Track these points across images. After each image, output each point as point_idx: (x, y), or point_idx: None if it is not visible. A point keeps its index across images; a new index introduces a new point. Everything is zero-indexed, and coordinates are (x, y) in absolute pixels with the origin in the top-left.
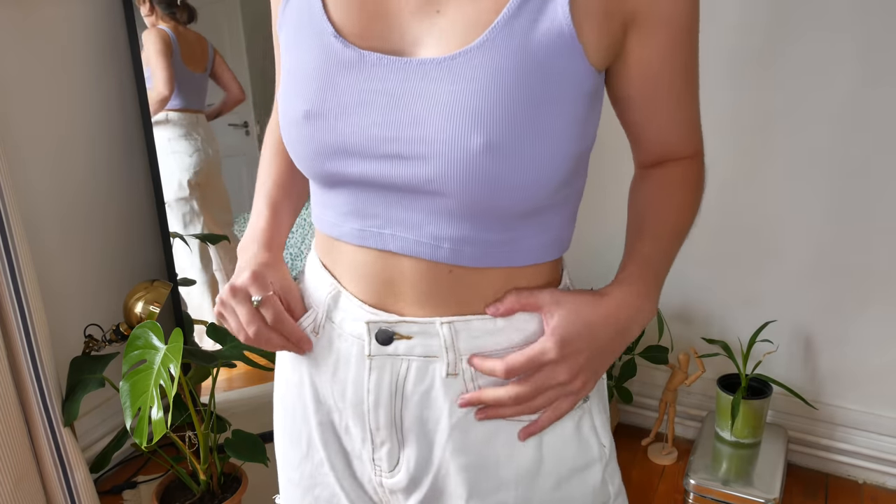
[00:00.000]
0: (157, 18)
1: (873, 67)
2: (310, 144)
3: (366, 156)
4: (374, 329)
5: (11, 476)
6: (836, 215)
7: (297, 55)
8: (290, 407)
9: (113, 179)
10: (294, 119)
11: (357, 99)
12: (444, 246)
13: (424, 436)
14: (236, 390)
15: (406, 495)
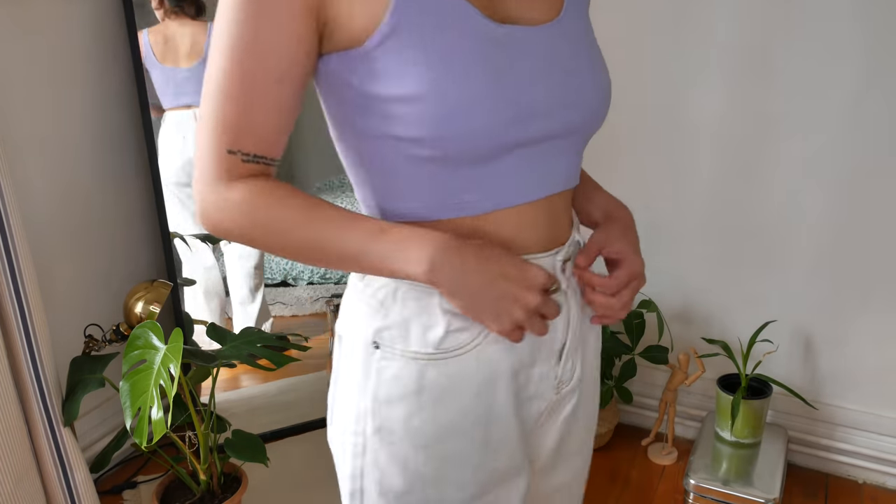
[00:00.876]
0: (164, 13)
1: (874, 68)
2: (496, 117)
3: (545, 114)
4: (562, 263)
5: (11, 476)
6: (836, 215)
7: (444, 41)
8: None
9: (113, 179)
10: (473, 99)
11: (536, 64)
12: (574, 173)
13: (583, 343)
14: (236, 390)
15: (571, 397)
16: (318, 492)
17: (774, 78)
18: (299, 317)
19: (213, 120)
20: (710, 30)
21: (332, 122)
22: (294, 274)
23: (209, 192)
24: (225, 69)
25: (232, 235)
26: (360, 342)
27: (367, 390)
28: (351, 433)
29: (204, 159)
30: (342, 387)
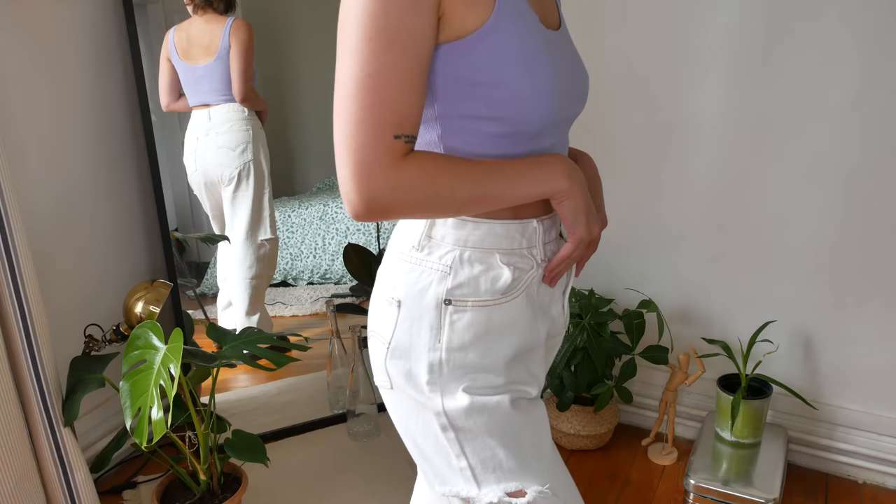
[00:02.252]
0: (194, 7)
1: (873, 68)
2: (557, 99)
3: (571, 102)
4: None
5: (11, 476)
6: (836, 215)
7: (525, 41)
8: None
9: (113, 179)
10: (543, 87)
11: (566, 62)
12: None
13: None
14: (236, 390)
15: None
16: (318, 492)
17: (774, 78)
18: (299, 317)
19: (374, 110)
20: (710, 30)
21: None
22: (294, 274)
23: (382, 178)
24: (382, 61)
25: (406, 212)
26: (431, 302)
27: (440, 342)
28: (424, 384)
29: (368, 149)
30: (402, 346)
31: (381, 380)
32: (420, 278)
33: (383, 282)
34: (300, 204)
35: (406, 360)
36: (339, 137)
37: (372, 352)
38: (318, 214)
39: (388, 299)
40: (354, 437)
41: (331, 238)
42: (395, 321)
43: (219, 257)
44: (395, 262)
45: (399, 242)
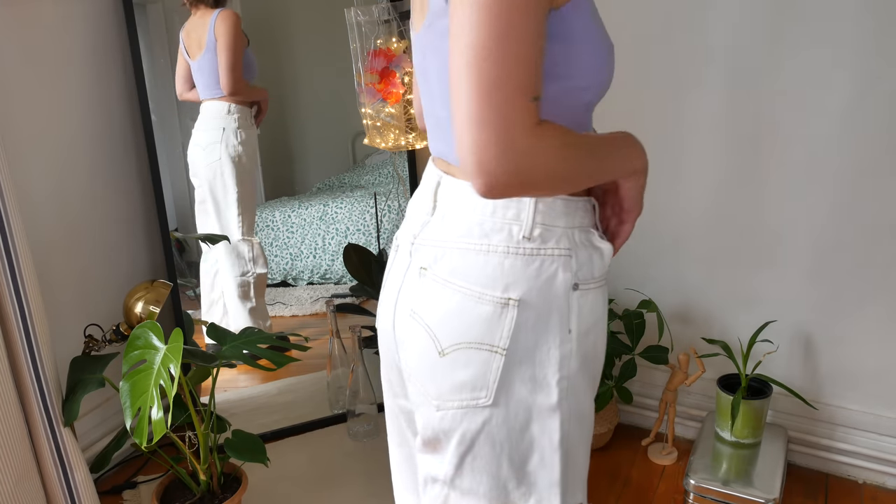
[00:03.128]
0: (190, 4)
1: (873, 69)
2: (611, 73)
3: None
4: None
5: (11, 476)
6: (836, 215)
7: (596, 12)
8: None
9: (113, 179)
10: (608, 55)
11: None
12: None
13: None
14: (236, 390)
15: None
16: (318, 492)
17: (774, 79)
18: (299, 317)
19: (516, 69)
20: (710, 30)
21: None
22: (294, 274)
23: (525, 142)
24: (520, 19)
25: (539, 185)
26: (560, 291)
27: (571, 333)
28: (554, 386)
29: (512, 112)
30: (526, 350)
31: (469, 397)
32: (543, 269)
33: (482, 285)
34: (300, 204)
35: (529, 365)
36: (475, 102)
37: (459, 369)
38: (318, 214)
39: (498, 301)
40: (354, 437)
41: (331, 238)
42: (512, 323)
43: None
44: (497, 260)
45: (492, 238)
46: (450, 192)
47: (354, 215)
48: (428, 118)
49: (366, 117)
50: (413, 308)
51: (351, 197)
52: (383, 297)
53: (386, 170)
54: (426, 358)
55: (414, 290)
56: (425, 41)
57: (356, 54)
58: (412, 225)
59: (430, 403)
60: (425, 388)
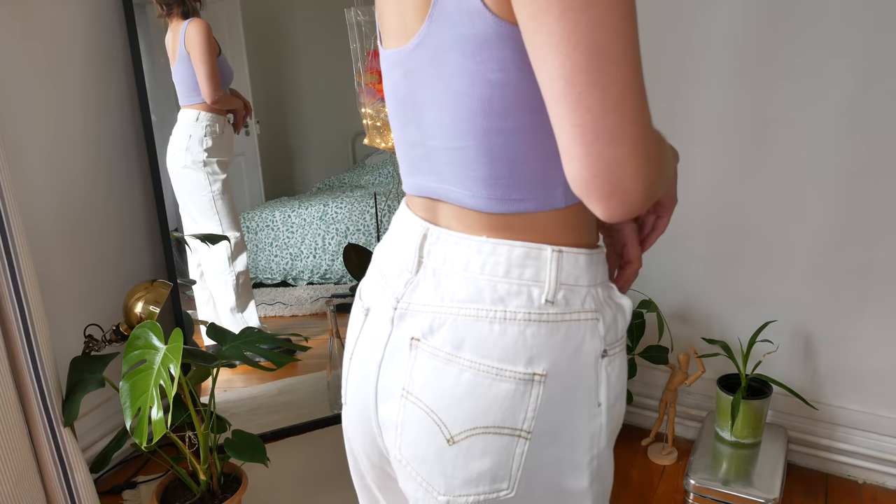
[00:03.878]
0: (164, 16)
1: (873, 68)
2: None
3: None
4: None
5: (11, 476)
6: (836, 215)
7: None
8: None
9: (112, 179)
10: None
11: None
12: None
13: None
14: (236, 390)
15: None
16: (317, 492)
17: (774, 78)
18: (299, 317)
19: (641, 78)
20: (709, 30)
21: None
22: (294, 274)
23: (656, 152)
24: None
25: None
26: (589, 360)
27: (600, 407)
28: (585, 467)
29: (645, 125)
30: (553, 428)
31: (487, 489)
32: (569, 336)
33: (500, 359)
34: (300, 204)
35: (556, 447)
36: (609, 115)
37: (475, 459)
38: (318, 214)
39: (521, 378)
40: None
41: (331, 238)
42: (538, 402)
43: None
44: (517, 329)
45: (509, 304)
46: (444, 248)
47: (354, 215)
48: (409, 151)
49: (366, 117)
50: (406, 388)
51: (351, 197)
52: (353, 372)
53: (386, 170)
54: (431, 447)
55: (403, 365)
56: (417, 59)
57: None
58: (389, 284)
59: (434, 499)
60: (430, 481)
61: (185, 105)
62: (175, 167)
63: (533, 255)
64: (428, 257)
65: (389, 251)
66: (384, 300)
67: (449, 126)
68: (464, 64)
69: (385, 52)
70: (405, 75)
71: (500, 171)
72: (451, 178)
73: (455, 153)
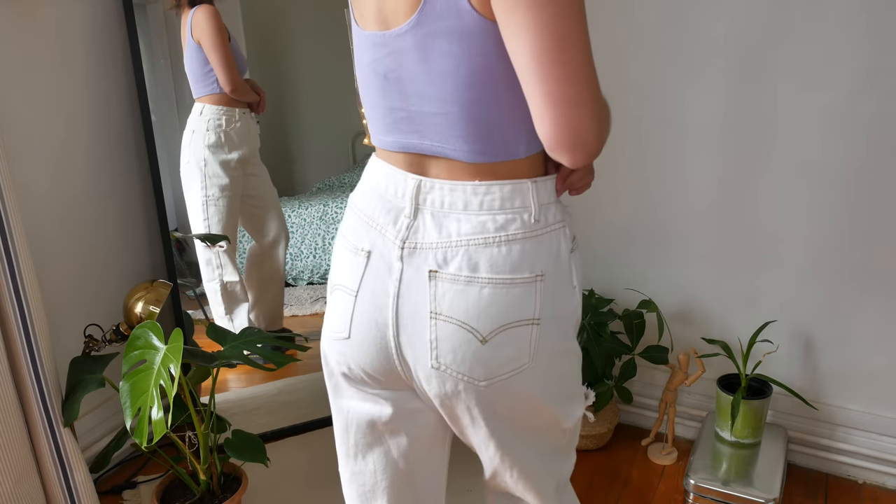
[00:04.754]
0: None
1: (871, 68)
2: None
3: None
4: None
5: (11, 476)
6: (835, 215)
7: None
8: None
9: (113, 179)
10: None
11: None
12: None
13: None
14: (236, 390)
15: None
16: (317, 491)
17: (773, 79)
18: (299, 317)
19: (591, 56)
20: (709, 31)
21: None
22: (294, 274)
23: (607, 114)
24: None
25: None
26: (565, 257)
27: (575, 289)
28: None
29: (598, 93)
30: (552, 310)
31: (513, 367)
32: (552, 242)
33: (511, 271)
34: (300, 204)
35: (553, 323)
36: (572, 86)
37: (505, 347)
38: (318, 214)
39: (526, 282)
40: None
41: (331, 238)
42: (540, 295)
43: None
44: (513, 248)
45: (509, 229)
46: (440, 194)
47: None
48: (388, 114)
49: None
50: (433, 311)
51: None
52: (361, 307)
53: None
54: (468, 349)
55: (424, 294)
56: (404, 42)
57: None
58: (386, 230)
59: (476, 385)
60: (470, 375)
61: (195, 98)
62: (181, 163)
63: (518, 188)
64: (424, 203)
65: (374, 201)
66: (387, 243)
67: (434, 96)
68: (451, 49)
69: (365, 33)
70: (390, 54)
71: (478, 131)
72: (433, 137)
73: (439, 117)
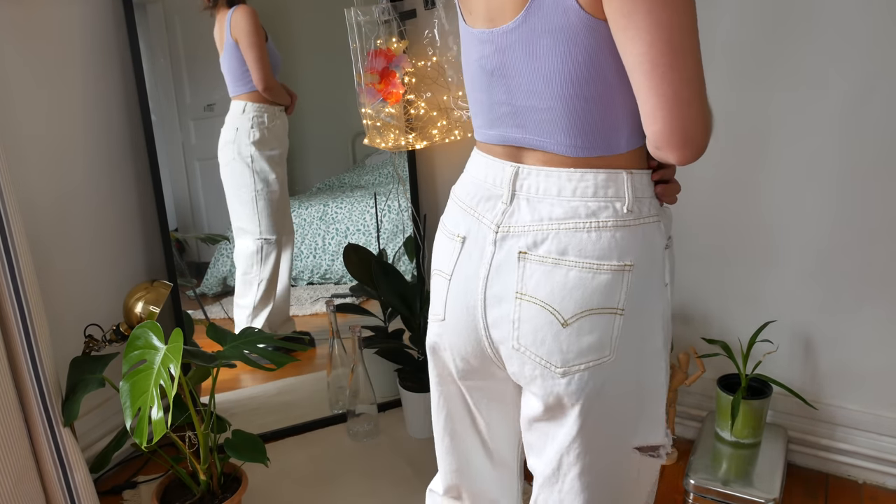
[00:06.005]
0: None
1: (873, 69)
2: None
3: None
4: None
5: (11, 476)
6: (835, 215)
7: None
8: None
9: (113, 179)
10: None
11: None
12: None
13: None
14: (236, 390)
15: None
16: (318, 492)
17: (774, 79)
18: (299, 317)
19: (700, 61)
20: (709, 31)
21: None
22: (294, 274)
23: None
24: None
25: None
26: (658, 253)
27: (667, 286)
28: (659, 331)
29: (705, 95)
30: (638, 305)
31: (594, 358)
32: (646, 235)
33: (598, 258)
34: (300, 204)
35: (639, 318)
36: (684, 87)
37: (585, 335)
38: (318, 214)
39: (613, 271)
40: (354, 437)
41: (331, 238)
42: (627, 285)
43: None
44: (609, 234)
45: (600, 216)
46: (536, 180)
47: (354, 215)
48: (492, 109)
49: (366, 117)
50: (519, 291)
51: (351, 197)
52: (455, 289)
53: (386, 170)
54: (548, 332)
55: (512, 274)
56: (511, 39)
57: (356, 54)
58: (483, 216)
59: (552, 372)
60: (548, 360)
61: (233, 96)
62: (223, 160)
63: (612, 178)
64: (520, 189)
65: (474, 190)
66: (482, 228)
67: (539, 92)
68: (556, 46)
69: (473, 30)
70: (497, 51)
71: (580, 126)
72: (536, 131)
73: (543, 112)
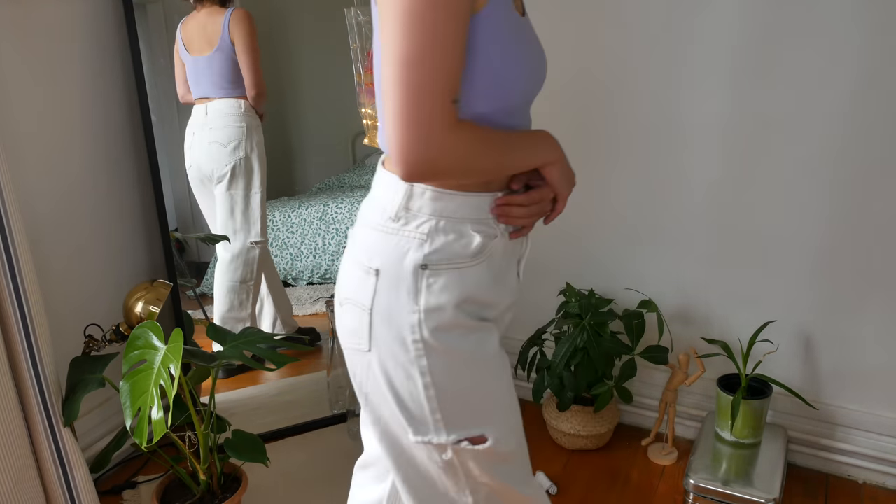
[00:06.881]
0: (195, 1)
1: (873, 69)
2: (532, 79)
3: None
4: None
5: (11, 475)
6: (835, 215)
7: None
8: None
9: (113, 179)
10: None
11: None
12: None
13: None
14: (236, 390)
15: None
16: (318, 492)
17: (774, 79)
18: (299, 317)
19: (435, 78)
20: (709, 31)
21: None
22: (294, 274)
23: (442, 140)
24: (442, 30)
25: (449, 174)
26: (409, 268)
27: (418, 304)
28: (410, 342)
29: (432, 114)
30: (384, 311)
31: (354, 342)
32: (398, 246)
33: (357, 253)
34: (300, 204)
35: (389, 324)
36: (403, 105)
37: (347, 318)
38: (318, 214)
39: (365, 269)
40: (354, 437)
41: (331, 238)
42: (373, 288)
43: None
44: (368, 233)
45: (372, 215)
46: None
47: (354, 215)
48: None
49: (366, 117)
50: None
51: (351, 197)
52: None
53: None
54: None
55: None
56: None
57: (356, 54)
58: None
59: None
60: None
61: (223, 96)
62: (230, 159)
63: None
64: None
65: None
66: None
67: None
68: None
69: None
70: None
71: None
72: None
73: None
